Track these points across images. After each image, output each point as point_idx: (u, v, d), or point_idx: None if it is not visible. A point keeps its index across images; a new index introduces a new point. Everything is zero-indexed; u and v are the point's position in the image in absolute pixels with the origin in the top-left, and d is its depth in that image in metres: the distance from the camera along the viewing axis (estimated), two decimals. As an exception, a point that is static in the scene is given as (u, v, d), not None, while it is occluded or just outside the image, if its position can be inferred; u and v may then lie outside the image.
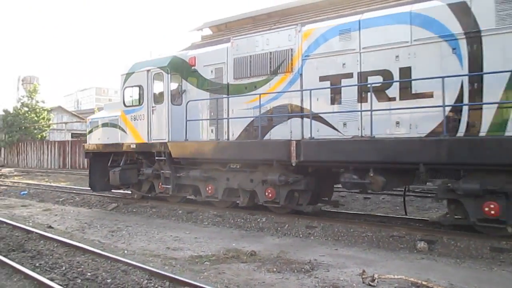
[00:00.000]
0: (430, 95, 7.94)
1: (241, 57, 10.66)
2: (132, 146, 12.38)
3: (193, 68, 11.74)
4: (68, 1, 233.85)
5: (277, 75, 10.03)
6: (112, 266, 6.57)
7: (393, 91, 8.39)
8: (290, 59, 9.81)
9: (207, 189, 11.16)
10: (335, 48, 9.12)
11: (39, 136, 40.10)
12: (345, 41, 8.99)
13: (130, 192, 14.00)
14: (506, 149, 6.94)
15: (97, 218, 11.29)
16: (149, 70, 11.97)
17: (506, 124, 7.24)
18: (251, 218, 10.08)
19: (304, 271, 6.30)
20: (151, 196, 12.83)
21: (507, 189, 7.19)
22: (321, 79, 9.32)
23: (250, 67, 10.50)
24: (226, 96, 10.92)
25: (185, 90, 11.81)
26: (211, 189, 11.09)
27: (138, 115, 12.17)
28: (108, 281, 5.85)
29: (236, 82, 10.79)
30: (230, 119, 10.82)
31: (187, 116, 11.24)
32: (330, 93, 9.21)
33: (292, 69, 9.79)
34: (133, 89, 12.36)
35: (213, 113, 11.27)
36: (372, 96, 8.39)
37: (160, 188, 12.28)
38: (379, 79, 8.53)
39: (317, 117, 9.24)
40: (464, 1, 7.67)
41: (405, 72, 8.25)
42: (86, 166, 23.38)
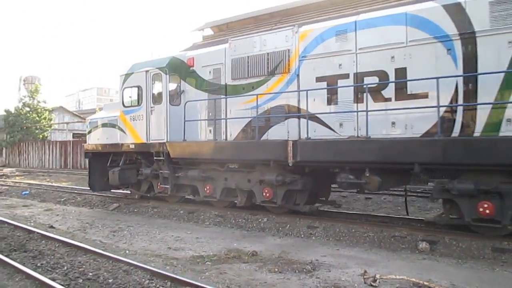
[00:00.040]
0: (425, 96, 7.99)
1: (239, 58, 10.72)
2: (131, 146, 12.45)
3: (192, 68, 11.81)
4: (69, 1, 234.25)
5: (275, 75, 10.09)
6: (113, 266, 6.58)
7: (389, 91, 8.44)
8: (287, 59, 9.86)
9: (205, 189, 11.21)
10: (332, 49, 9.17)
11: (40, 136, 40.16)
12: (341, 42, 9.04)
13: (129, 192, 14.07)
14: (500, 149, 6.99)
15: (99, 218, 11.29)
16: (148, 71, 12.03)
17: (500, 125, 7.29)
18: (252, 218, 10.08)
19: (306, 271, 6.31)
20: (150, 196, 12.90)
21: (501, 189, 7.23)
22: (318, 79, 9.38)
23: (248, 67, 10.56)
24: (224, 96, 10.98)
25: (183, 91, 11.88)
26: (209, 189, 11.14)
27: (137, 116, 12.24)
28: (110, 281, 5.87)
29: (234, 82, 10.85)
30: (228, 119, 10.88)
31: (185, 117, 11.32)
32: (326, 93, 9.27)
33: (289, 70, 9.85)
34: (132, 90, 12.43)
35: (211, 114, 11.33)
36: (368, 96, 8.45)
37: (159, 188, 12.34)
38: (375, 79, 8.59)
39: (313, 117, 9.30)
40: (459, 2, 7.73)
41: (401, 72, 8.30)
42: (87, 166, 23.43)
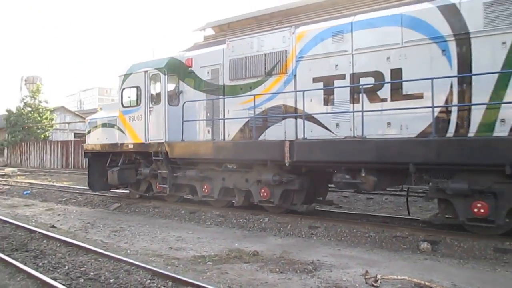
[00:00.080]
0: (420, 96, 8.04)
1: (237, 59, 10.79)
2: (130, 146, 12.52)
3: (190, 69, 11.88)
4: (69, 1, 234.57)
5: (272, 76, 10.16)
6: (115, 266, 6.59)
7: (385, 92, 8.50)
8: (284, 60, 9.92)
9: (203, 188, 11.28)
10: (328, 50, 9.23)
11: (42, 136, 40.31)
12: (337, 42, 9.10)
13: (128, 191, 14.14)
14: (494, 149, 7.03)
15: (100, 218, 11.29)
16: (147, 71, 12.10)
17: (494, 125, 7.34)
18: (253, 218, 10.09)
19: (307, 272, 6.31)
20: (149, 196, 12.97)
21: (495, 189, 7.28)
22: (315, 80, 9.44)
23: (246, 68, 10.62)
24: (222, 97, 11.05)
25: (182, 91, 11.94)
26: (207, 188, 11.20)
27: (136, 116, 12.31)
28: (111, 280, 5.88)
29: (232, 83, 10.92)
30: (225, 119, 10.95)
31: (183, 117, 11.39)
32: (323, 94, 9.33)
33: (286, 70, 9.91)
34: (131, 90, 12.50)
35: (209, 114, 11.39)
36: (364, 97, 8.51)
37: (157, 188, 12.40)
38: (370, 80, 8.64)
39: (310, 117, 9.37)
40: (454, 4, 7.78)
41: (396, 73, 8.36)
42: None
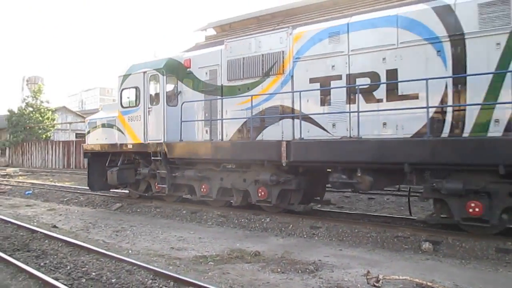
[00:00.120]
0: (415, 97, 8.09)
1: (235, 59, 10.86)
2: (129, 146, 12.61)
3: (189, 70, 11.95)
4: (70, 0, 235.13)
5: (269, 76, 10.22)
6: (116, 266, 6.60)
7: (380, 92, 8.55)
8: (282, 61, 9.99)
9: (201, 188, 11.35)
10: (325, 51, 9.28)
11: (43, 136, 40.51)
12: (334, 43, 9.16)
13: (128, 191, 14.22)
14: (488, 149, 7.08)
15: (102, 218, 11.32)
16: (145, 72, 12.18)
17: (489, 125, 7.39)
18: (255, 218, 10.11)
19: (309, 272, 6.32)
20: (148, 196, 13.05)
21: (489, 189, 7.33)
22: (311, 80, 9.50)
23: (243, 69, 10.69)
24: (220, 97, 11.12)
25: (180, 92, 12.02)
26: (205, 188, 11.27)
27: (135, 116, 12.39)
28: (113, 280, 5.89)
29: (230, 83, 10.98)
30: (223, 120, 11.02)
31: (182, 117, 11.46)
32: (319, 94, 9.38)
33: (283, 71, 9.97)
34: (130, 91, 12.59)
35: (207, 114, 11.46)
36: (360, 97, 8.57)
37: (156, 188, 12.48)
38: (366, 81, 8.70)
39: (307, 118, 9.43)
40: (449, 5, 7.83)
41: (392, 74, 8.41)
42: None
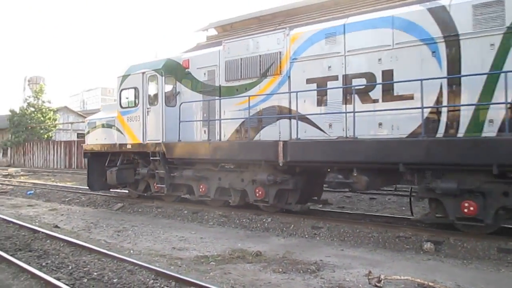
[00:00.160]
0: (410, 97, 8.15)
1: (233, 60, 10.93)
2: (128, 147, 12.70)
3: (187, 70, 12.03)
4: (71, 0, 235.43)
5: (267, 77, 10.28)
6: (118, 266, 6.61)
7: (376, 93, 8.61)
8: (279, 61, 10.05)
9: (200, 188, 11.43)
10: (321, 51, 9.35)
11: (45, 136, 40.68)
12: (330, 44, 9.22)
13: (127, 191, 14.30)
14: (482, 149, 7.12)
15: (103, 218, 11.35)
16: (144, 73, 12.27)
17: (483, 125, 7.44)
18: (256, 218, 10.13)
19: (310, 272, 6.32)
20: (147, 195, 13.13)
21: (484, 189, 7.38)
22: (308, 81, 9.56)
23: (241, 69, 10.76)
24: (218, 98, 11.19)
25: (179, 92, 12.10)
26: (203, 188, 11.35)
27: (134, 116, 12.48)
28: (114, 280, 5.90)
29: (228, 84, 11.06)
30: (221, 120, 11.09)
31: (180, 117, 11.54)
32: (316, 95, 9.45)
33: (280, 72, 10.03)
34: (129, 91, 12.68)
35: (205, 115, 11.54)
36: (356, 98, 8.63)
37: (155, 188, 12.56)
38: (363, 81, 8.76)
39: (304, 118, 9.49)
40: (443, 6, 7.88)
41: (388, 74, 8.47)
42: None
